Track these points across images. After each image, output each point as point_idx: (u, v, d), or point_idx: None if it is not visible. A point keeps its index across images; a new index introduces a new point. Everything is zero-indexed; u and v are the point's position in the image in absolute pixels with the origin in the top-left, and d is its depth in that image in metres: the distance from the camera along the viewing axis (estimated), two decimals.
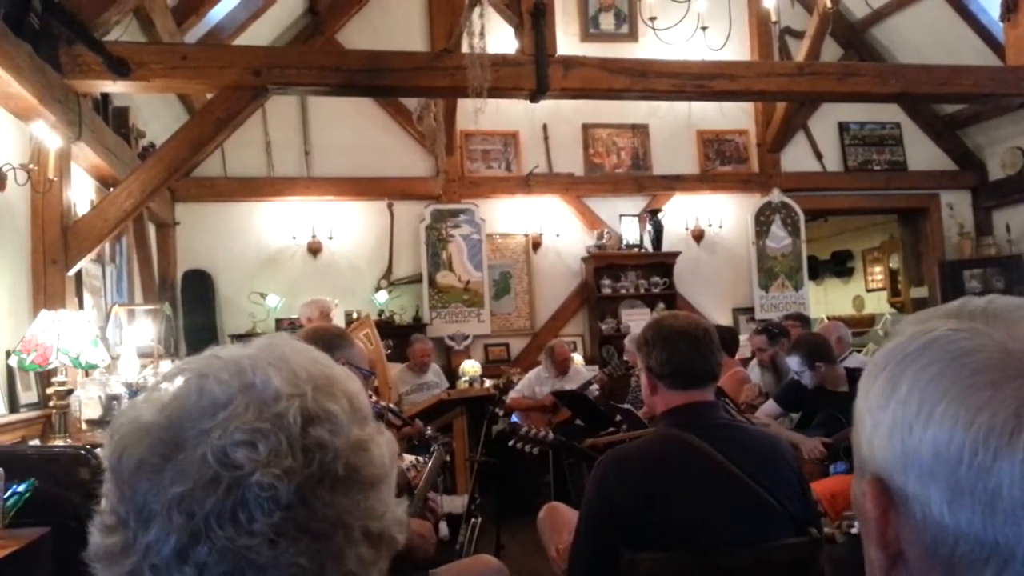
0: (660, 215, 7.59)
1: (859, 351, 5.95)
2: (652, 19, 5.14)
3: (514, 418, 5.83)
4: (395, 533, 0.70)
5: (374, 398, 4.29)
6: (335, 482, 0.64)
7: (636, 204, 7.75)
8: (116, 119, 5.05)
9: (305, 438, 0.63)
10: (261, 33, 6.49)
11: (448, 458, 5.19)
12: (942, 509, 0.52)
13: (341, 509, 0.64)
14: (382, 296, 6.97)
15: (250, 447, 0.61)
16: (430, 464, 3.01)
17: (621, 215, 7.66)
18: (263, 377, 0.65)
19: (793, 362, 3.91)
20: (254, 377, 0.65)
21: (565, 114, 7.42)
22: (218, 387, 0.64)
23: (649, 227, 7.56)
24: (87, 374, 3.76)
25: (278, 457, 0.61)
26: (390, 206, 7.09)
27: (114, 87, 4.35)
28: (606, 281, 7.45)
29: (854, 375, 3.88)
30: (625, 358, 6.08)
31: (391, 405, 4.79)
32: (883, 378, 0.57)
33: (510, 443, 3.33)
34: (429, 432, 3.49)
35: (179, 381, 0.66)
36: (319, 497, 0.63)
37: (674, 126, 7.77)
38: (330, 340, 2.18)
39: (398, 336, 6.46)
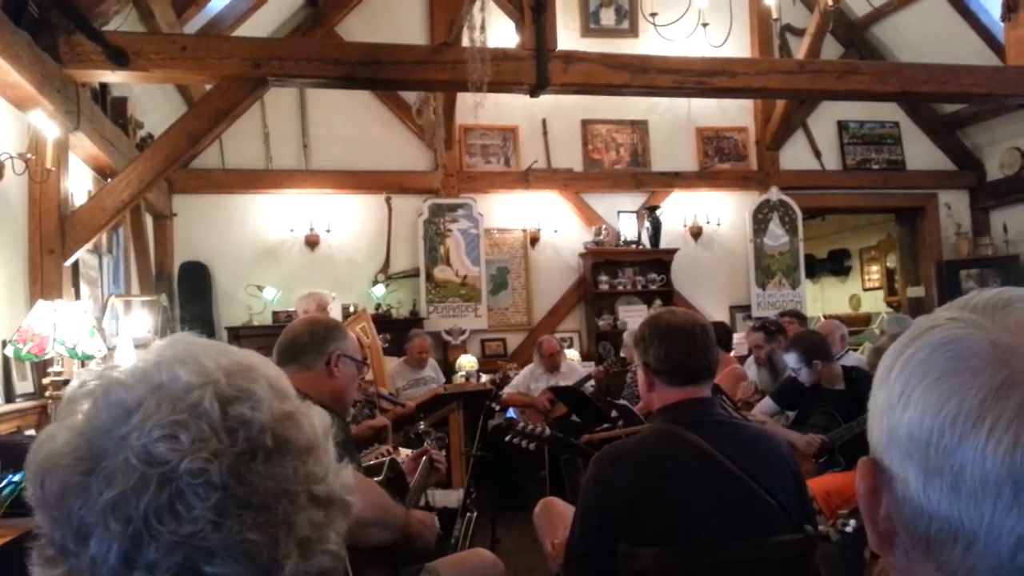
0: (658, 212, 7.59)
1: (855, 350, 5.96)
2: (653, 15, 5.14)
3: (511, 413, 5.83)
4: (344, 496, 0.71)
5: (365, 383, 4.30)
6: (268, 454, 0.65)
7: (634, 200, 7.75)
8: (114, 109, 5.04)
9: (227, 419, 0.64)
10: (261, 24, 6.47)
11: (444, 451, 5.21)
12: (918, 489, 0.54)
13: (280, 478, 0.65)
14: (379, 290, 6.96)
15: (171, 439, 0.61)
16: (423, 460, 3.01)
17: (619, 211, 7.66)
18: (170, 374, 0.66)
19: (791, 359, 3.91)
20: (161, 376, 0.66)
21: (564, 109, 7.41)
22: (125, 394, 0.65)
23: (647, 224, 7.56)
24: (83, 365, 3.74)
25: (203, 442, 0.62)
26: (388, 200, 7.08)
27: (113, 77, 4.34)
28: (603, 277, 7.45)
29: (850, 374, 3.88)
30: (623, 354, 6.09)
31: (383, 390, 4.80)
32: (883, 364, 0.60)
33: (507, 438, 3.34)
34: (422, 427, 3.49)
35: (86, 402, 0.66)
36: (254, 471, 0.64)
37: (673, 123, 7.77)
38: (325, 331, 2.18)
39: (395, 330, 6.46)
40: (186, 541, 0.60)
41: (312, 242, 7.03)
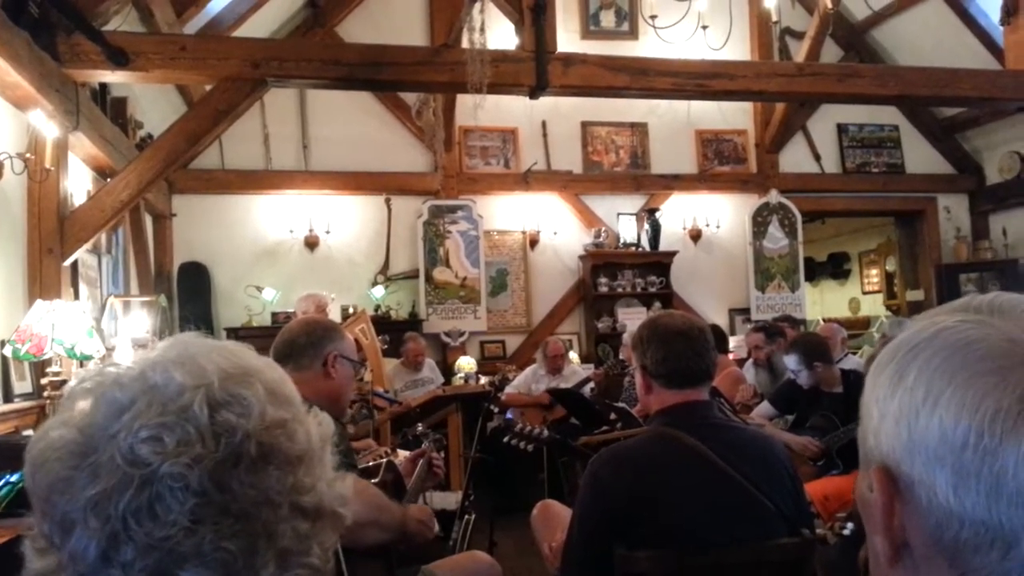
0: (658, 214, 7.59)
1: (854, 353, 5.96)
2: (653, 17, 5.13)
3: (508, 414, 5.83)
4: (336, 507, 0.70)
5: (363, 381, 4.30)
6: (252, 462, 0.64)
7: (634, 203, 7.76)
8: (114, 109, 5.04)
9: (213, 424, 0.64)
10: (261, 25, 6.47)
11: (442, 453, 5.20)
12: (948, 494, 0.53)
13: (263, 487, 0.64)
14: (378, 291, 6.96)
15: (156, 441, 0.62)
16: (421, 461, 3.00)
17: (619, 214, 7.66)
18: (165, 376, 0.66)
19: (791, 360, 3.89)
20: (155, 377, 0.66)
21: (564, 111, 7.41)
22: (120, 392, 0.65)
23: (647, 226, 7.56)
24: (82, 365, 3.74)
25: (187, 446, 0.62)
26: (388, 201, 7.08)
27: (112, 77, 4.34)
28: (603, 279, 7.45)
29: (849, 377, 3.88)
30: (621, 356, 6.08)
31: (379, 389, 4.80)
32: (890, 369, 0.59)
33: (505, 439, 3.33)
34: (420, 428, 3.49)
35: (83, 400, 0.66)
36: (235, 479, 0.63)
37: (673, 125, 7.77)
38: (322, 332, 2.18)
39: (394, 331, 6.45)
40: (160, 544, 0.60)
41: (311, 243, 7.03)
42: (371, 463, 2.60)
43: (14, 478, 2.31)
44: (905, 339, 0.59)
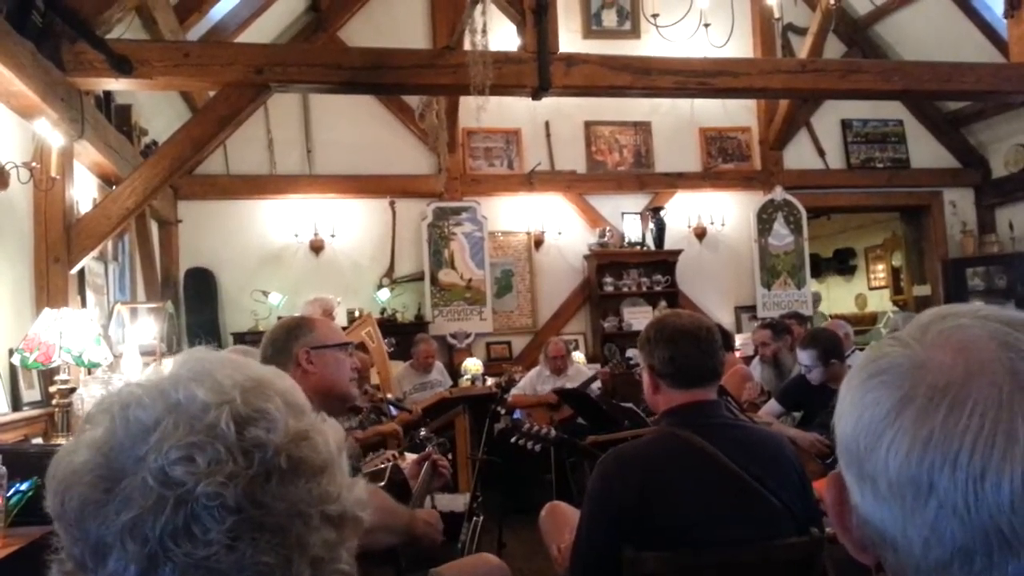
0: (662, 213, 7.58)
1: (862, 349, 5.94)
2: (654, 16, 5.13)
3: (516, 414, 5.83)
4: (357, 512, 0.71)
5: (371, 391, 4.30)
6: (282, 476, 0.65)
7: (638, 202, 7.75)
8: (118, 117, 5.05)
9: (242, 441, 0.64)
10: (263, 30, 6.49)
11: (449, 456, 5.21)
12: (857, 496, 0.59)
13: (294, 500, 0.65)
14: (384, 294, 6.97)
15: (188, 462, 0.62)
16: (426, 464, 3.00)
17: (623, 213, 7.66)
18: (187, 393, 0.66)
19: (806, 356, 3.83)
20: (178, 395, 0.66)
21: (567, 111, 7.41)
22: (143, 413, 0.65)
23: (651, 225, 7.55)
24: (90, 372, 3.76)
25: (219, 464, 0.62)
26: (392, 204, 7.09)
27: (116, 85, 4.35)
28: (608, 279, 7.44)
29: None
30: (628, 355, 6.08)
31: (388, 395, 4.80)
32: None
33: (512, 439, 3.33)
34: (423, 432, 3.49)
35: (104, 420, 0.66)
36: (269, 493, 0.64)
37: (676, 123, 7.76)
38: (285, 334, 2.09)
39: (400, 334, 6.47)
40: (201, 563, 0.61)
41: (317, 247, 7.04)
42: (380, 466, 2.60)
43: (24, 486, 2.32)
44: None
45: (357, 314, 6.64)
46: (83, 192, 4.46)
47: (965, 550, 0.52)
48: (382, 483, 2.24)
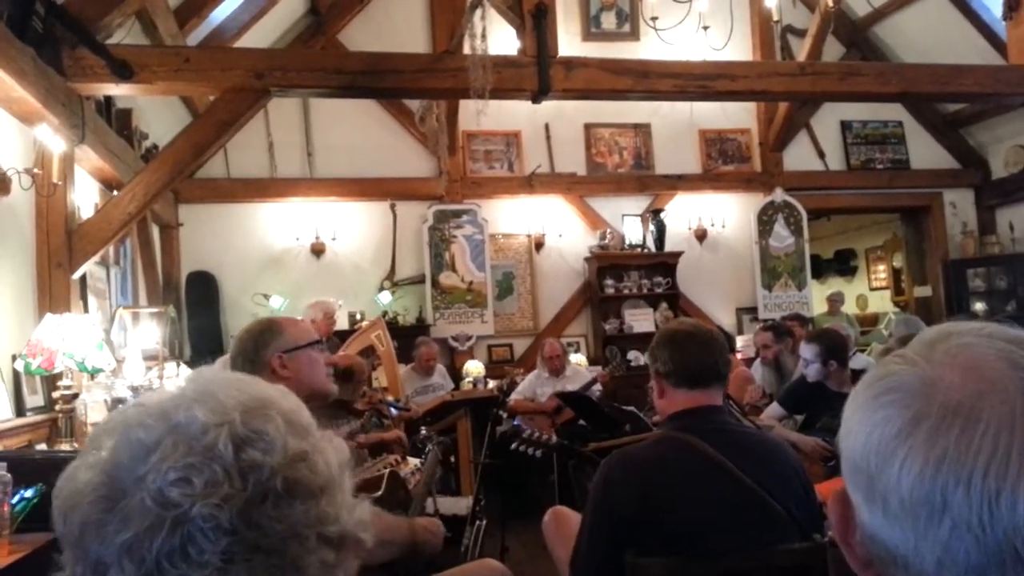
0: (662, 215, 7.59)
1: (863, 351, 5.95)
2: (654, 19, 5.14)
3: (516, 420, 5.83)
4: (358, 533, 0.71)
5: (369, 392, 4.30)
6: (278, 497, 0.65)
7: (638, 204, 7.75)
8: (119, 121, 5.06)
9: (239, 462, 0.64)
10: (263, 34, 6.50)
11: (452, 458, 5.21)
12: (864, 514, 0.59)
13: (290, 521, 0.65)
14: (385, 297, 6.97)
15: (184, 483, 0.62)
16: (426, 466, 3.01)
17: (623, 215, 7.66)
18: (188, 414, 0.66)
19: (808, 350, 3.80)
20: (179, 416, 0.66)
21: (567, 114, 7.42)
22: (144, 433, 0.66)
23: (652, 227, 7.56)
24: (93, 378, 3.76)
25: (215, 486, 0.63)
26: (393, 207, 7.10)
27: (117, 90, 4.36)
28: (609, 281, 7.45)
29: (858, 377, 3.85)
30: (630, 358, 6.08)
31: (388, 397, 4.80)
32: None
33: (512, 446, 3.33)
34: (423, 431, 3.50)
35: (108, 440, 0.67)
36: (264, 514, 0.64)
37: (676, 125, 7.77)
38: (252, 342, 1.99)
39: (402, 337, 6.46)
40: None
41: (318, 250, 7.05)
42: (378, 472, 2.60)
43: (29, 493, 2.32)
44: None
45: (359, 317, 6.66)
46: (84, 197, 4.46)
47: (979, 569, 0.52)
48: (378, 493, 2.22)
